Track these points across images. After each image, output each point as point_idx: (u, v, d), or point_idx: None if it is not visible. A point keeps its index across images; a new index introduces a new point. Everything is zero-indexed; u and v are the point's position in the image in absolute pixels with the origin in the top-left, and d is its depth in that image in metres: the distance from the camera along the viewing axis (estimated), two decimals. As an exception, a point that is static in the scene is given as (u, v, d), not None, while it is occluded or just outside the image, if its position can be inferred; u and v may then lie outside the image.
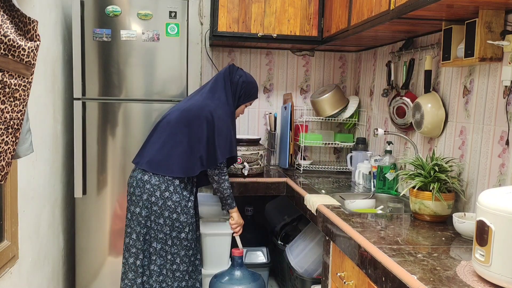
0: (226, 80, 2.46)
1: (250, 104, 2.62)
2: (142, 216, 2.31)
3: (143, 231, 2.31)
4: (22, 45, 1.37)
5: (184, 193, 2.35)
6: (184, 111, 2.37)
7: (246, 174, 2.77)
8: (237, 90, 2.47)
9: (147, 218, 2.31)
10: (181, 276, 2.36)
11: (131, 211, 2.35)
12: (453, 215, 1.75)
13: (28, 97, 1.45)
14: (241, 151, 2.80)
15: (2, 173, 1.39)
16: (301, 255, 2.62)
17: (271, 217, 3.22)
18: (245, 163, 2.78)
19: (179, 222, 2.32)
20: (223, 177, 2.38)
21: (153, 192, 2.30)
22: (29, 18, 1.41)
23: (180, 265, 2.35)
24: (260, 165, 2.87)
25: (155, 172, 2.30)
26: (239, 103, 2.51)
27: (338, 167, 3.14)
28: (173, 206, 2.31)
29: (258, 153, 2.86)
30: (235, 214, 2.52)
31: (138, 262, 2.33)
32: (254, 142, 2.90)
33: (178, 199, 2.32)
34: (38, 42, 1.43)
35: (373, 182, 2.51)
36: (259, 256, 3.05)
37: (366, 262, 1.55)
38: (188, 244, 2.37)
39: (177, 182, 2.32)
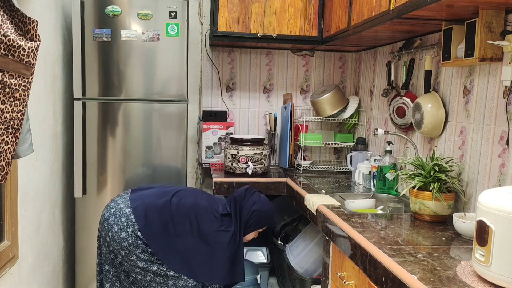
0: (237, 204, 2.25)
1: (263, 231, 2.39)
2: (112, 246, 2.11)
3: (116, 261, 2.13)
4: (22, 45, 1.37)
5: None
6: (203, 209, 2.18)
7: (250, 173, 2.77)
8: (247, 218, 2.24)
9: (118, 251, 2.09)
10: None
11: (102, 236, 2.15)
12: (453, 215, 1.75)
13: (28, 97, 1.45)
14: (245, 150, 2.81)
15: (2, 173, 1.39)
16: (301, 255, 2.62)
17: (271, 217, 3.22)
18: (249, 163, 2.78)
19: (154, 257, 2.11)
20: None
21: (125, 228, 2.07)
22: (29, 18, 1.41)
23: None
24: (264, 164, 2.88)
25: (136, 220, 2.09)
26: (247, 231, 2.27)
27: (338, 167, 3.14)
28: (145, 246, 2.08)
29: (262, 152, 2.86)
30: None
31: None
32: (259, 142, 2.90)
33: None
34: (38, 42, 1.43)
35: (373, 182, 2.51)
36: (259, 256, 3.05)
37: (366, 262, 1.55)
38: (176, 275, 2.12)
39: None
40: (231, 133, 3.12)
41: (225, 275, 2.16)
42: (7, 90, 1.36)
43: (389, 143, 2.56)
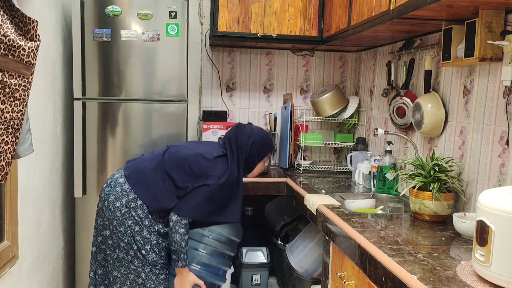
0: (233, 144, 2.25)
1: (268, 158, 2.40)
2: (106, 216, 2.17)
3: (105, 233, 2.20)
4: (22, 45, 1.37)
5: (151, 217, 2.16)
6: (193, 157, 2.20)
7: None
8: (248, 153, 2.26)
9: (110, 222, 2.15)
10: None
11: (99, 207, 2.22)
12: (453, 215, 1.75)
13: (28, 97, 1.45)
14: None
15: (2, 173, 1.39)
16: (301, 255, 2.62)
17: (271, 217, 3.22)
18: None
19: (141, 236, 2.13)
20: (177, 228, 2.10)
21: (119, 197, 2.14)
22: (29, 18, 1.41)
23: (146, 281, 2.15)
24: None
25: (132, 187, 2.16)
26: (254, 164, 2.32)
27: (338, 167, 3.14)
28: (137, 218, 2.13)
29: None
30: (182, 274, 2.14)
31: (96, 267, 2.26)
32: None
33: (143, 216, 2.14)
34: (38, 42, 1.43)
35: (373, 182, 2.51)
36: (259, 256, 3.05)
37: (366, 262, 1.55)
38: (155, 259, 2.15)
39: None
40: (231, 133, 3.11)
41: (220, 214, 2.20)
42: (7, 90, 1.36)
43: (389, 143, 2.56)
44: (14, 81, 1.37)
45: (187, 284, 2.14)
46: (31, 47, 1.40)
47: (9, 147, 1.41)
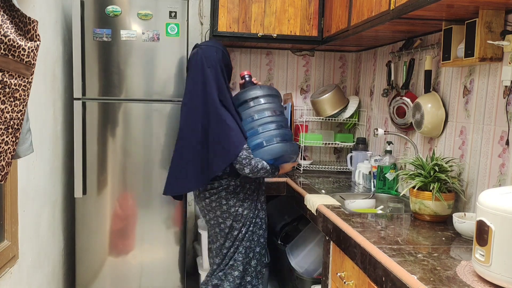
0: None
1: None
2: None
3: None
4: (22, 45, 1.37)
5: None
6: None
7: None
8: (221, 66, 2.44)
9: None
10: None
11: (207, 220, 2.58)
12: (453, 215, 1.75)
13: (28, 97, 1.45)
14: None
15: (2, 173, 1.39)
16: (301, 255, 2.62)
17: (271, 217, 3.22)
18: None
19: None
20: (251, 165, 2.29)
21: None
22: (29, 18, 1.41)
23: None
24: None
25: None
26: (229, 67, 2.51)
27: (338, 167, 3.14)
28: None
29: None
30: (283, 170, 2.49)
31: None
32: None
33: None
34: (38, 42, 1.43)
35: (373, 182, 2.51)
36: (259, 256, 3.04)
37: (366, 262, 1.55)
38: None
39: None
40: (231, 133, 3.11)
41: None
42: (7, 90, 1.36)
43: (389, 143, 2.56)
44: (14, 81, 1.37)
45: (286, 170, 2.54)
46: (31, 47, 1.40)
47: (9, 147, 1.41)
